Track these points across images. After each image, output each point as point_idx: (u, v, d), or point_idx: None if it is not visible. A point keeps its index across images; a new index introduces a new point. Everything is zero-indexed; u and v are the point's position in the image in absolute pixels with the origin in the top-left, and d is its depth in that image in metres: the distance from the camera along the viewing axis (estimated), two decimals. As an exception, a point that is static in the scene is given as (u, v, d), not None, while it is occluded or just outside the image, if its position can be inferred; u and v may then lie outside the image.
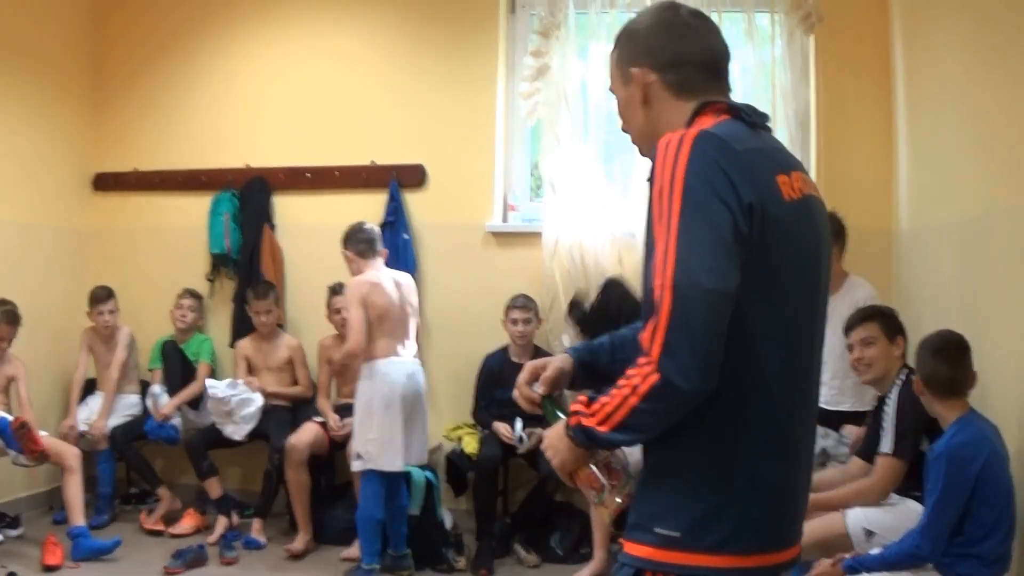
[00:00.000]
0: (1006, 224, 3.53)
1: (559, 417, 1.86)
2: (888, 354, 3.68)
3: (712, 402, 1.63)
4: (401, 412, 4.72)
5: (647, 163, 1.73)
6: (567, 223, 5.55)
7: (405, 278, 5.05)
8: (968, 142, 3.95)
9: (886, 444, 3.51)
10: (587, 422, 1.70)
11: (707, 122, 1.73)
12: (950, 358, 3.25)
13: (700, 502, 1.68)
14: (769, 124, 1.84)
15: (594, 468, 1.86)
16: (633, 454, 1.83)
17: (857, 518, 3.51)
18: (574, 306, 5.14)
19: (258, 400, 5.57)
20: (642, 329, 1.63)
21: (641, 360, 1.62)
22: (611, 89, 1.95)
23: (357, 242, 4.94)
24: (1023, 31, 3.34)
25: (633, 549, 1.74)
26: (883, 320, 3.74)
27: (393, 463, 4.71)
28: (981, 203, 3.78)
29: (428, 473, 5.16)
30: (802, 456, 1.80)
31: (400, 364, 4.80)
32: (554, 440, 1.82)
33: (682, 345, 1.57)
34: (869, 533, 3.46)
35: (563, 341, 5.49)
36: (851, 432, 4.18)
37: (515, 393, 2.04)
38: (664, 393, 1.59)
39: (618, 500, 1.86)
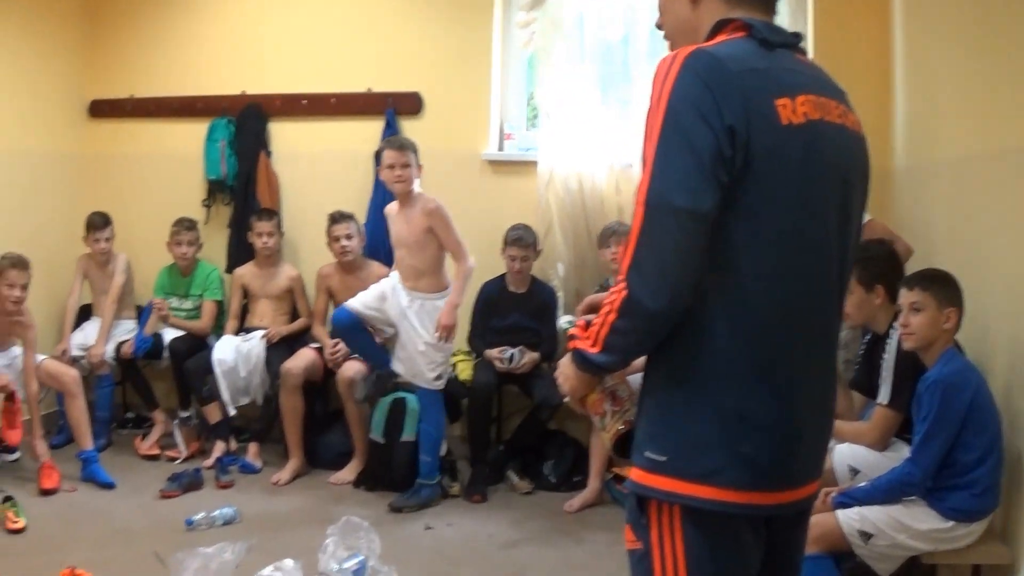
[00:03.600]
0: (1000, 165, 3.45)
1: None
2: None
3: (694, 328, 1.61)
4: None
5: (644, 92, 1.69)
6: (563, 152, 5.51)
7: None
8: (967, 80, 3.85)
9: (884, 395, 3.43)
10: (580, 345, 1.70)
11: (719, 39, 1.68)
12: None
13: (686, 429, 1.65)
14: (796, 43, 1.76)
15: (600, 394, 1.87)
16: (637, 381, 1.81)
17: (843, 455, 3.48)
18: None
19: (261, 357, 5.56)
20: None
21: (619, 276, 1.62)
22: None
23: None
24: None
25: (632, 473, 1.73)
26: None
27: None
28: (978, 143, 3.70)
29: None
30: (806, 398, 1.71)
31: None
32: (564, 367, 1.82)
33: (649, 262, 1.57)
34: (854, 471, 3.43)
35: (558, 270, 5.51)
36: None
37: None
38: (631, 308, 1.58)
39: (620, 427, 1.86)
